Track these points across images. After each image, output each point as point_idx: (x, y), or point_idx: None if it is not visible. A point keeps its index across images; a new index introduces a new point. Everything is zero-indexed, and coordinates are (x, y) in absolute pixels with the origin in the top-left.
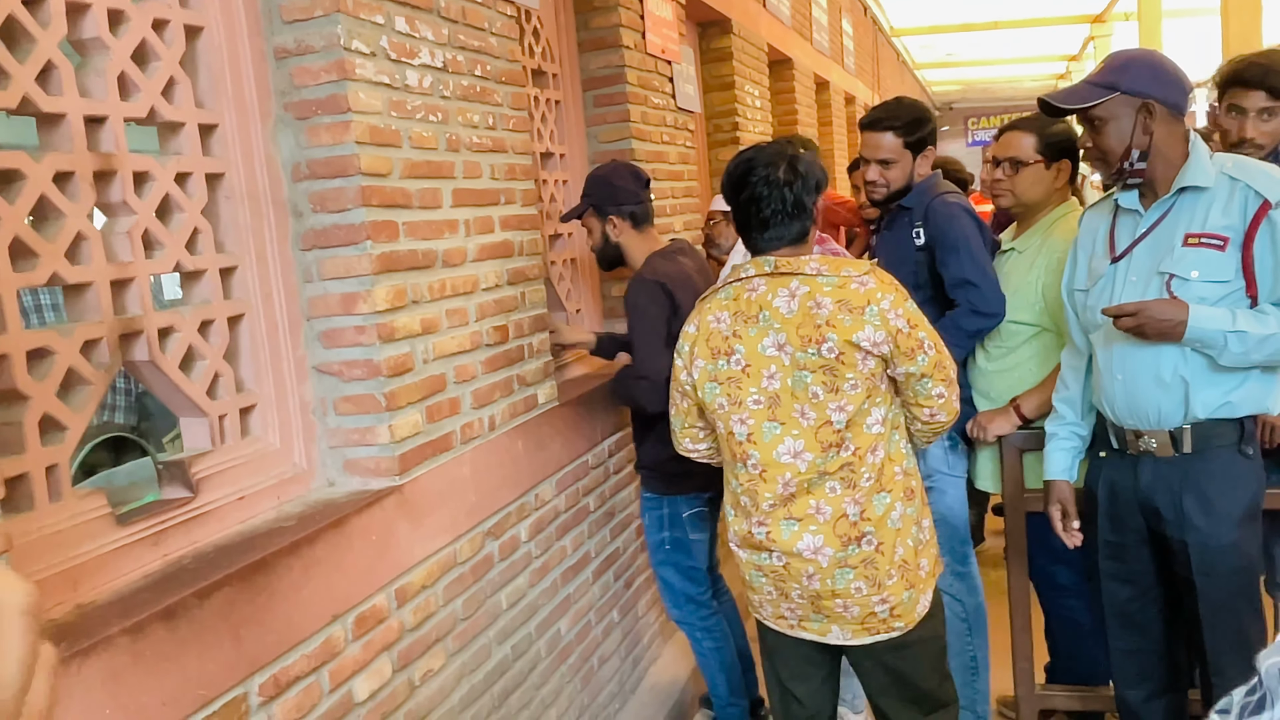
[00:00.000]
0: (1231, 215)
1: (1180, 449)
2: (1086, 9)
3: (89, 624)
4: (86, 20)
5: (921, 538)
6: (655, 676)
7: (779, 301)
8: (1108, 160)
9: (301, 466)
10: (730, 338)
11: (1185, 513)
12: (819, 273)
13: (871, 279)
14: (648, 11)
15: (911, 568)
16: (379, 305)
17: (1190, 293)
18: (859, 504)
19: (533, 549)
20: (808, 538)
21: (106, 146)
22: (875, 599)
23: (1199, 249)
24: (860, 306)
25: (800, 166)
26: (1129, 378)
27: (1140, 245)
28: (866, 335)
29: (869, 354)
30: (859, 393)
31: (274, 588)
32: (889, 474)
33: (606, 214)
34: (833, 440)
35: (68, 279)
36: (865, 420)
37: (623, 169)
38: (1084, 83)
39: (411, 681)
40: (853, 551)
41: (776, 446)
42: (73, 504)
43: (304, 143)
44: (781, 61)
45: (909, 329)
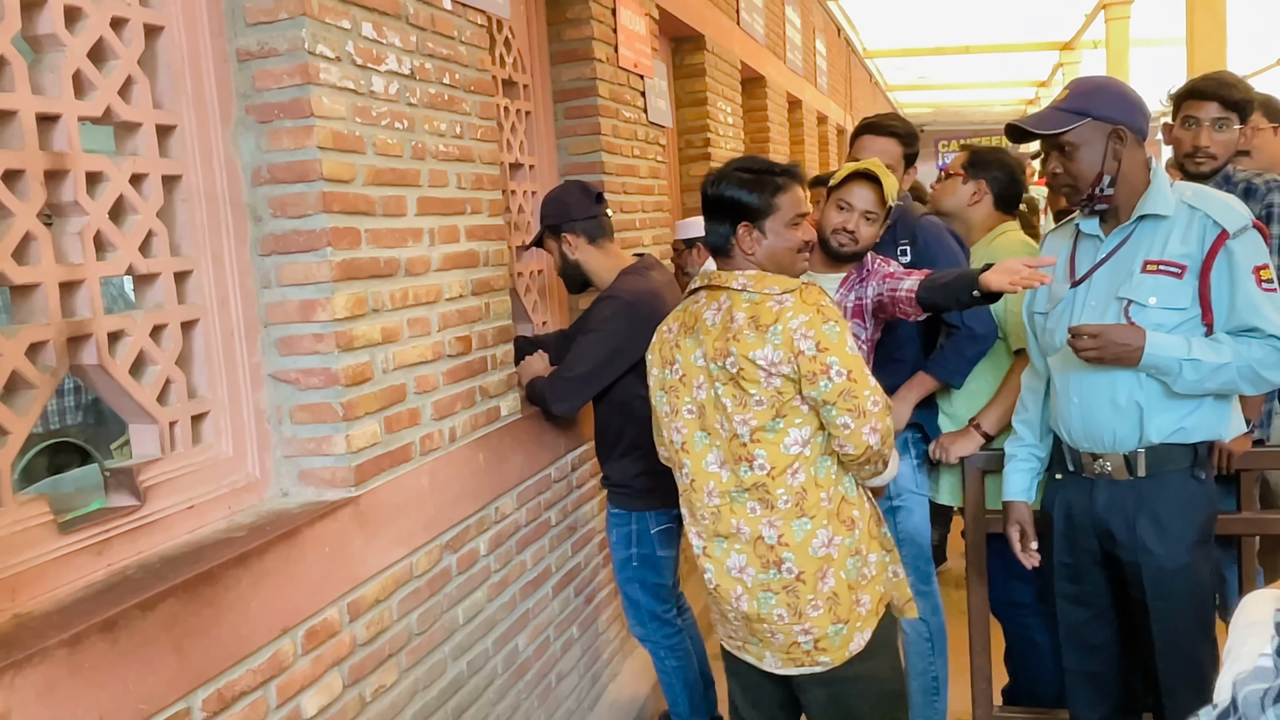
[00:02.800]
0: (1190, 244)
1: (1135, 472)
2: (1056, 36)
3: (26, 634)
4: (42, 16)
5: (865, 572)
6: (615, 693)
7: (708, 314)
8: (1078, 186)
9: (254, 476)
10: (674, 347)
11: (1139, 535)
12: (744, 288)
13: (791, 299)
14: (620, 25)
15: (843, 602)
16: (338, 313)
17: (1147, 319)
18: (775, 527)
19: (492, 563)
20: (734, 556)
21: (59, 145)
22: (797, 628)
23: (1157, 276)
24: (767, 325)
25: (727, 180)
26: (1085, 401)
27: (1100, 270)
28: (764, 354)
29: (769, 373)
30: (765, 409)
31: (221, 600)
32: (812, 499)
33: (560, 232)
34: (741, 454)
35: (14, 279)
36: (782, 440)
37: (573, 186)
38: (1052, 109)
39: (363, 697)
40: (773, 576)
41: (706, 455)
42: (13, 510)
43: (265, 146)
44: (754, 79)
45: (815, 352)
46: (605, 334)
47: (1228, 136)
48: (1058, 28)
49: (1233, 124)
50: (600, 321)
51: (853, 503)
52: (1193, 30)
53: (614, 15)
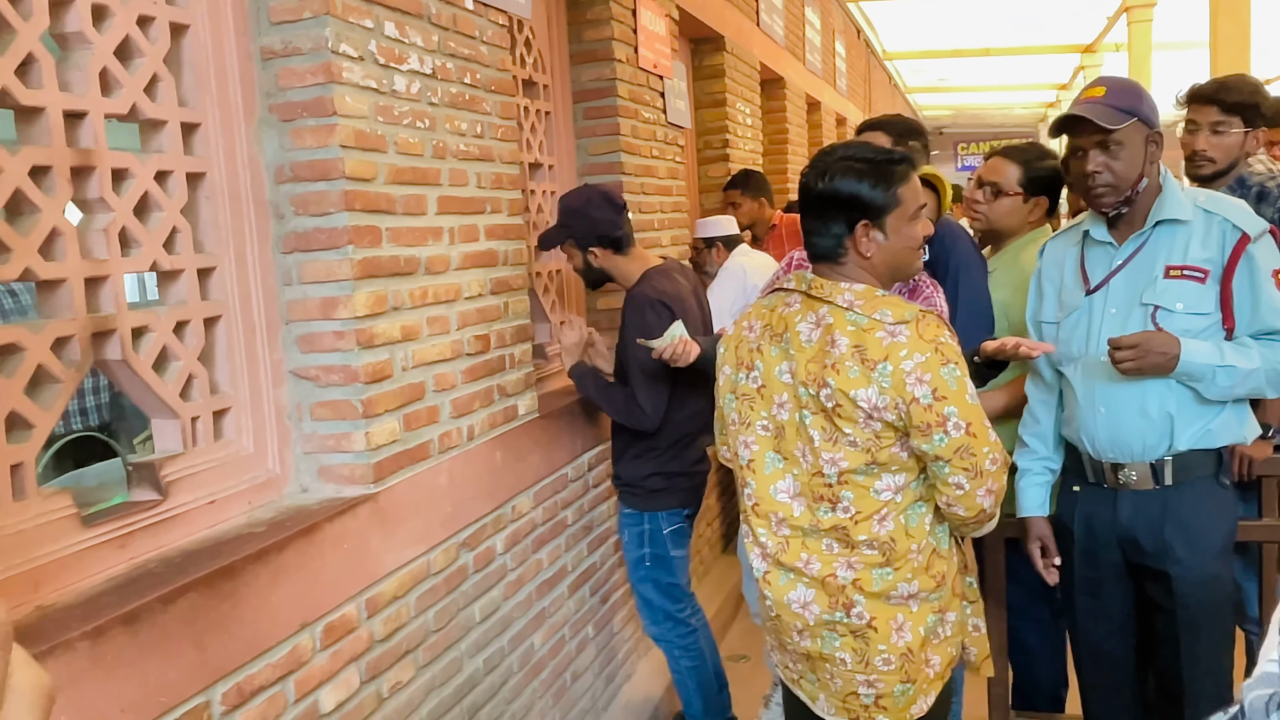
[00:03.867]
0: (1210, 248)
1: (1161, 481)
2: (1077, 39)
3: (49, 627)
4: (70, 14)
5: (940, 631)
6: (629, 693)
7: (803, 326)
8: (1119, 186)
9: (274, 472)
10: (754, 351)
11: (1168, 544)
12: (850, 306)
13: (906, 331)
14: (640, 26)
15: (915, 660)
16: (359, 311)
17: (1174, 324)
18: (853, 569)
19: (508, 561)
20: (799, 589)
21: (86, 142)
22: (860, 678)
23: (1181, 281)
24: (875, 360)
25: (840, 170)
26: (1113, 411)
27: (1118, 277)
28: (867, 396)
29: (870, 416)
30: (858, 452)
31: (241, 594)
32: (900, 549)
33: (585, 246)
34: (824, 494)
35: (41, 275)
36: (873, 485)
37: (597, 198)
38: (1102, 104)
39: (380, 693)
40: (840, 617)
41: (775, 481)
42: (38, 503)
43: (288, 145)
44: (773, 80)
45: (931, 400)
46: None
47: (1229, 140)
48: (1079, 30)
49: (1233, 127)
50: (635, 322)
51: (944, 556)
52: (1216, 34)
53: (634, 16)
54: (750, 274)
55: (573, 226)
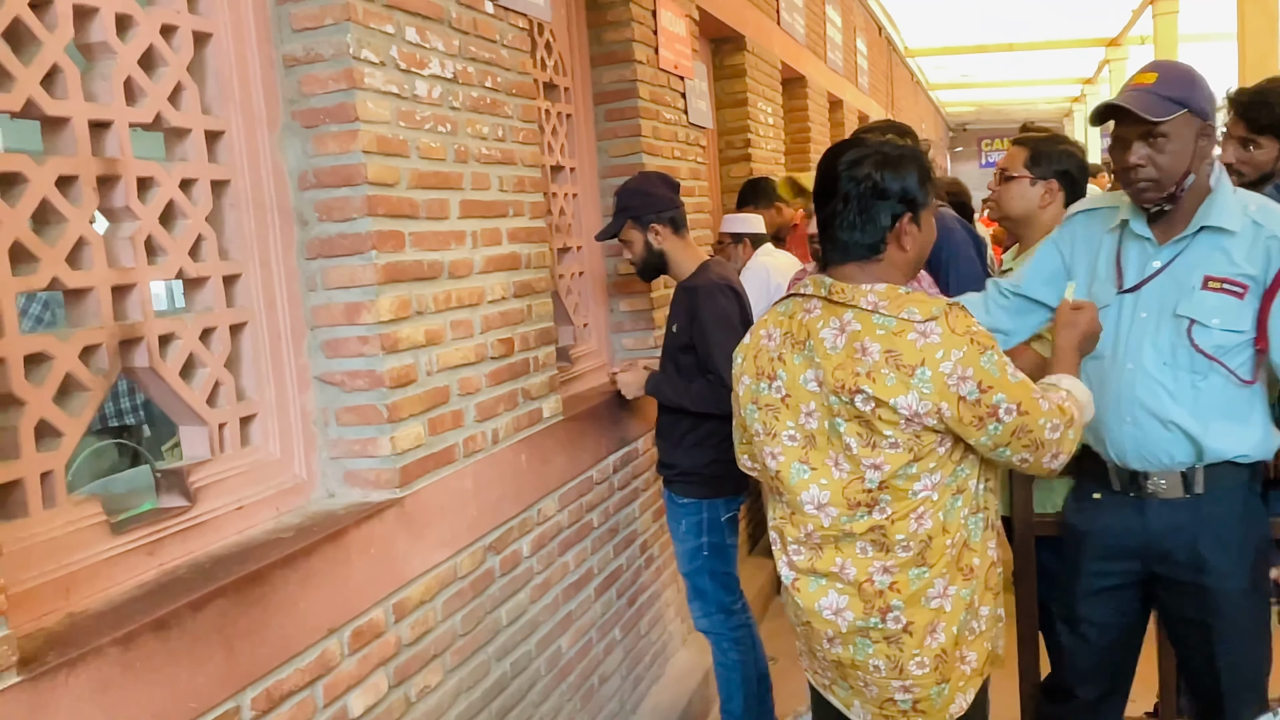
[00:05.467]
0: (1255, 262)
1: (1192, 490)
2: (1102, 32)
3: (79, 633)
4: (94, 24)
5: (975, 626)
6: (657, 696)
7: (826, 333)
8: (1162, 182)
9: (301, 477)
10: (775, 360)
11: (1202, 555)
12: (875, 308)
13: (937, 329)
14: (661, 27)
15: (950, 659)
16: (383, 315)
17: (1209, 340)
18: (890, 573)
19: (534, 564)
20: (832, 595)
21: (111, 151)
22: (896, 684)
23: (1220, 294)
24: (911, 365)
25: (883, 162)
26: (1140, 423)
27: (1152, 281)
28: (907, 403)
29: (909, 421)
30: (900, 453)
31: (269, 600)
32: (936, 547)
33: (647, 222)
34: (862, 500)
35: (68, 284)
36: (912, 485)
37: (654, 177)
38: (1149, 92)
39: (408, 697)
40: (875, 624)
41: (802, 492)
42: (67, 511)
43: (311, 151)
44: (795, 79)
45: (978, 394)
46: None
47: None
48: (1104, 23)
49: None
50: (710, 309)
51: (974, 549)
52: (1244, 25)
53: (654, 17)
54: (774, 274)
55: (632, 206)
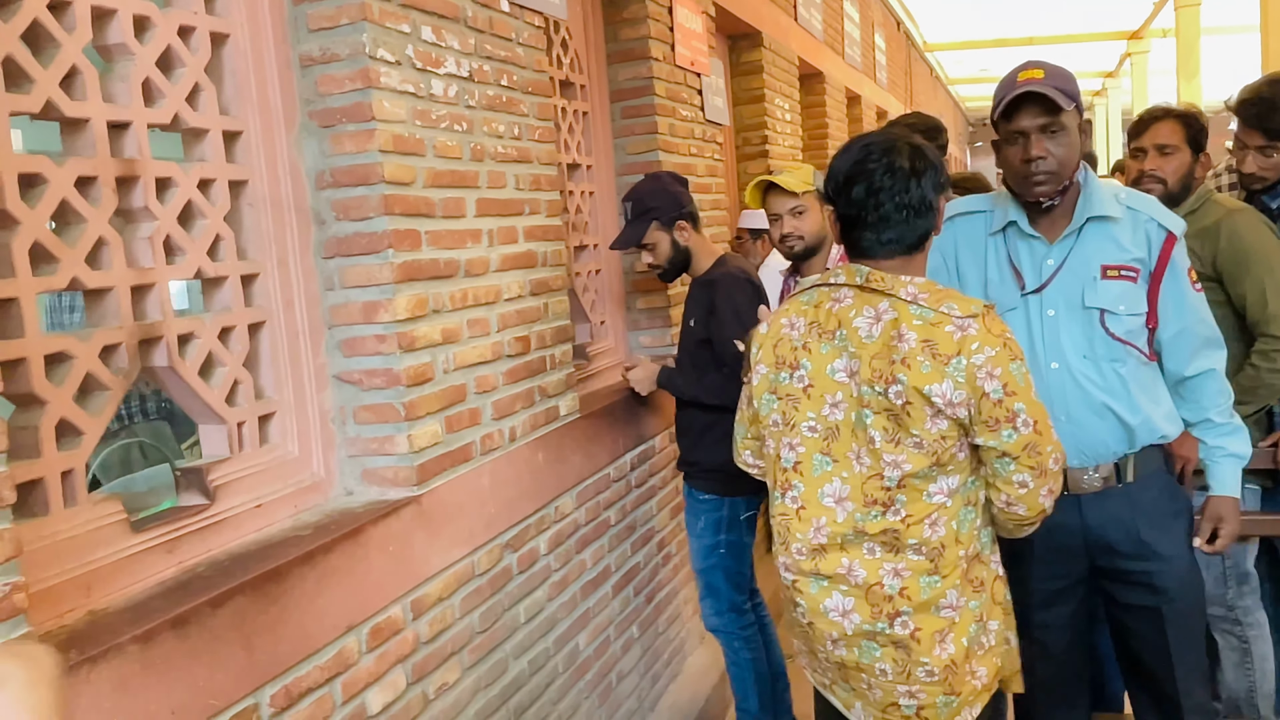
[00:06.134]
0: (1139, 247)
1: (1124, 479)
2: (1123, 26)
3: (100, 631)
4: (112, 26)
5: (983, 640)
6: (675, 694)
7: (860, 322)
8: (1060, 174)
9: (319, 475)
10: (799, 349)
11: (1145, 542)
12: (914, 299)
13: (975, 325)
14: (677, 24)
15: (959, 672)
16: (400, 314)
17: (1121, 326)
18: (900, 577)
19: (552, 562)
20: (836, 597)
21: (129, 152)
22: (902, 689)
23: (1119, 281)
24: (947, 355)
25: (929, 155)
26: (1075, 417)
27: (1055, 279)
28: (942, 391)
29: (941, 413)
30: (922, 454)
31: (288, 597)
32: (949, 557)
33: (673, 221)
34: (879, 498)
35: (88, 284)
36: (927, 487)
37: (666, 176)
38: (1046, 85)
39: (426, 695)
40: (883, 628)
41: (823, 485)
42: (88, 509)
43: (328, 150)
44: (812, 75)
45: (1002, 395)
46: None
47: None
48: (1125, 16)
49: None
50: (728, 302)
51: (984, 562)
52: (1267, 18)
53: (670, 14)
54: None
55: (656, 207)
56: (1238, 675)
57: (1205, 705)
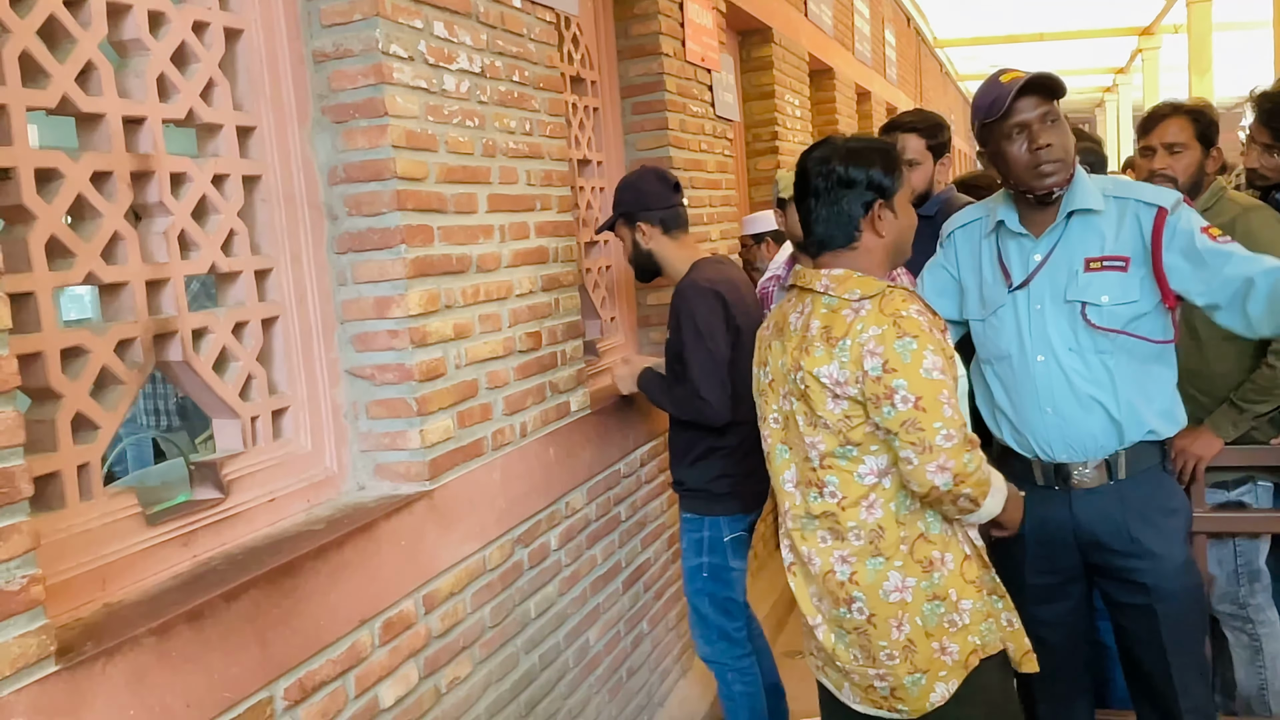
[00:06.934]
0: (1127, 233)
1: (1115, 475)
2: (1134, 21)
3: (116, 623)
4: (127, 21)
5: (952, 619)
6: (685, 690)
7: (793, 317)
8: (1066, 161)
9: (332, 470)
10: (766, 348)
11: (1136, 539)
12: (826, 290)
13: (868, 305)
14: (688, 20)
15: (920, 651)
16: (412, 309)
17: (1103, 318)
18: (848, 564)
19: (562, 557)
20: (811, 585)
21: (145, 147)
22: (872, 672)
23: (1103, 273)
24: (838, 337)
25: (847, 155)
26: (1060, 410)
27: (1039, 274)
28: (829, 372)
29: (834, 394)
30: (831, 434)
31: (301, 591)
32: (890, 539)
33: (634, 221)
34: (811, 479)
35: (103, 278)
36: (856, 469)
37: (649, 173)
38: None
39: (438, 689)
40: (844, 614)
41: (784, 471)
42: (103, 503)
43: (341, 146)
44: (823, 71)
45: (881, 373)
46: (698, 328)
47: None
48: (1136, 12)
49: None
50: (688, 317)
51: (933, 542)
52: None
53: (681, 10)
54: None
55: (623, 201)
56: (1249, 673)
57: (1203, 705)
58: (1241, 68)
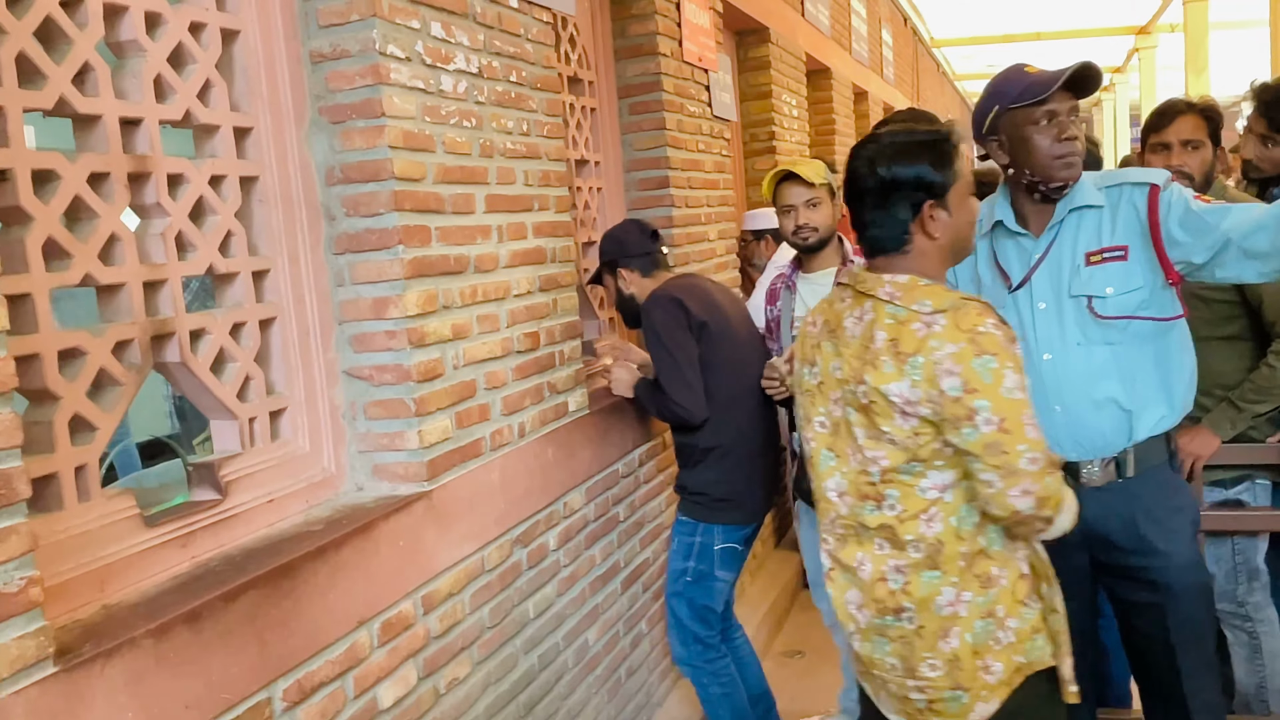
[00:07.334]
0: (1123, 220)
1: (1124, 473)
2: (1131, 20)
3: (114, 625)
4: (124, 22)
5: (999, 636)
6: (685, 688)
7: (849, 322)
8: (1082, 156)
9: (330, 470)
10: (815, 348)
11: (1144, 537)
12: (891, 298)
13: (943, 320)
14: (685, 19)
15: (965, 667)
16: (410, 310)
17: (1110, 309)
18: (902, 574)
19: (561, 558)
20: (852, 592)
21: (142, 148)
22: (910, 683)
23: (1104, 265)
24: (908, 353)
25: (893, 154)
26: (1069, 408)
27: (1038, 271)
28: (899, 390)
29: (904, 412)
30: (898, 450)
31: (300, 592)
32: (949, 552)
33: (616, 268)
34: (869, 493)
35: (100, 280)
36: (918, 483)
37: (628, 224)
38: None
39: (437, 689)
40: (889, 622)
41: (828, 479)
42: (101, 504)
43: (338, 146)
44: (820, 71)
45: (961, 393)
46: (658, 333)
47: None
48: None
49: None
50: (650, 330)
51: (993, 558)
52: (1276, 12)
53: (678, 10)
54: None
55: (606, 251)
56: (1248, 671)
57: (1214, 704)
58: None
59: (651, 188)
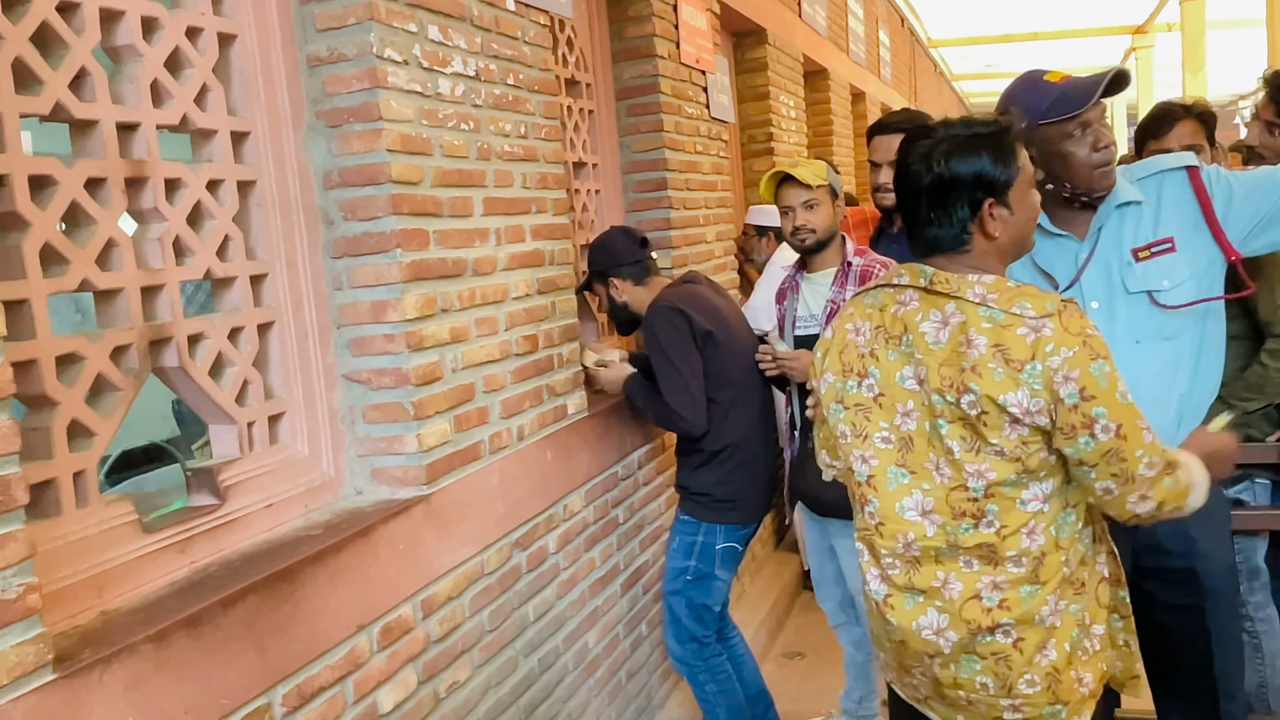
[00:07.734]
0: (1166, 210)
1: None
2: (1128, 20)
3: (113, 631)
4: (120, 27)
5: (1087, 645)
6: (685, 691)
7: (927, 327)
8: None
9: (329, 475)
10: (866, 356)
11: (1193, 540)
12: (983, 300)
13: (1051, 324)
14: (682, 21)
15: (1063, 679)
16: (408, 313)
17: (1170, 300)
18: (1000, 589)
19: (561, 561)
20: (931, 614)
21: (139, 153)
22: (1004, 702)
23: (1153, 259)
24: (1021, 360)
25: (950, 150)
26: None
27: (1086, 271)
28: (1017, 400)
29: (1019, 421)
30: (1006, 462)
31: (299, 597)
32: (1050, 564)
33: (607, 278)
34: (968, 509)
35: (98, 285)
36: (1019, 494)
37: (616, 233)
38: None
39: (437, 693)
40: (983, 640)
41: (901, 499)
42: (100, 510)
43: (335, 150)
44: (817, 72)
45: (1079, 400)
46: (661, 344)
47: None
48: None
49: None
50: (652, 341)
51: (1087, 563)
52: (1273, 11)
53: (675, 11)
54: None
55: (596, 261)
56: (1249, 670)
57: (1242, 702)
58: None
59: (649, 189)
